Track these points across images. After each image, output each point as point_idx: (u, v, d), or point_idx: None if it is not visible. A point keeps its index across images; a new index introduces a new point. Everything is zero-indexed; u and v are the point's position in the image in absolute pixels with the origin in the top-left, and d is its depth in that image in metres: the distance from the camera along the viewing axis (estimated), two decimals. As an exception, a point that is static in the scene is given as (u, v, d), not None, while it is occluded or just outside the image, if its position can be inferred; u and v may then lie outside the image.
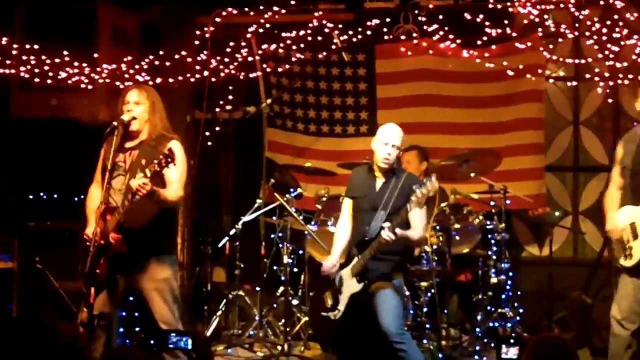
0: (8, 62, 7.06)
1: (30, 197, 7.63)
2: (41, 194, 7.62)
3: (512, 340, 6.43)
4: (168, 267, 5.34)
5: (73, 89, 7.37)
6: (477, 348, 6.92)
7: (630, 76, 7.43)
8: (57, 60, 7.13)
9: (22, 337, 3.40)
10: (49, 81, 7.20)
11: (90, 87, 7.35)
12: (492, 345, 6.77)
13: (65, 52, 7.14)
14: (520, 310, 7.39)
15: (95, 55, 7.38)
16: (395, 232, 5.41)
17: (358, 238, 5.77)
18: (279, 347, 6.91)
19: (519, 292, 7.58)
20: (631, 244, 5.41)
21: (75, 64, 7.18)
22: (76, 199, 5.65)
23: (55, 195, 7.52)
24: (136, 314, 5.62)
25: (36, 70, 7.15)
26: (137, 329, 5.96)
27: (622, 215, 5.54)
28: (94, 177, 5.51)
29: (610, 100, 8.11)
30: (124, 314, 5.54)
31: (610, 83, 7.64)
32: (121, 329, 5.53)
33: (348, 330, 5.84)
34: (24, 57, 7.05)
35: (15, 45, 7.07)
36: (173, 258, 5.47)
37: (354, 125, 8.46)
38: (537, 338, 4.13)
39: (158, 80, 7.19)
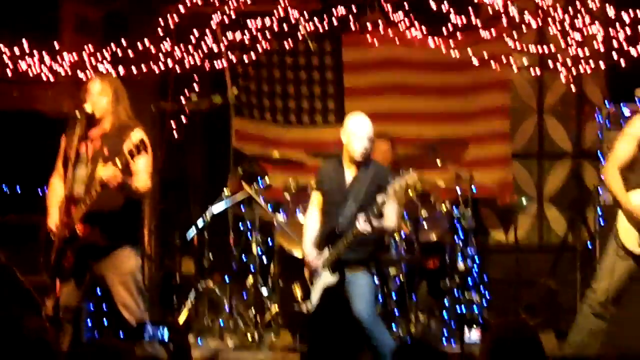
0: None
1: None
2: (3, 187, 7.49)
3: (474, 325, 6.51)
4: (133, 258, 5.30)
5: (36, 80, 7.25)
6: (445, 333, 6.93)
7: (592, 64, 7.45)
8: (16, 51, 6.99)
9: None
10: (8, 73, 7.06)
11: (52, 78, 7.22)
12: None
13: (25, 42, 7.00)
14: (487, 296, 7.43)
15: (57, 45, 7.26)
16: (372, 224, 5.40)
17: (329, 230, 5.76)
18: (250, 337, 6.88)
19: (485, 278, 7.62)
20: None
21: (36, 54, 7.04)
22: (40, 192, 5.53)
23: (19, 189, 7.40)
24: (104, 307, 5.52)
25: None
26: (105, 321, 5.86)
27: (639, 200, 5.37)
28: (55, 168, 5.42)
29: (573, 88, 8.11)
30: (91, 306, 5.47)
31: (574, 71, 7.63)
32: (89, 322, 5.46)
33: (320, 320, 5.82)
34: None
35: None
36: (137, 249, 5.41)
37: (321, 115, 8.42)
38: (498, 322, 4.12)
39: (122, 70, 7.07)
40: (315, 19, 7.68)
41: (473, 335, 6.69)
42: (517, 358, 3.29)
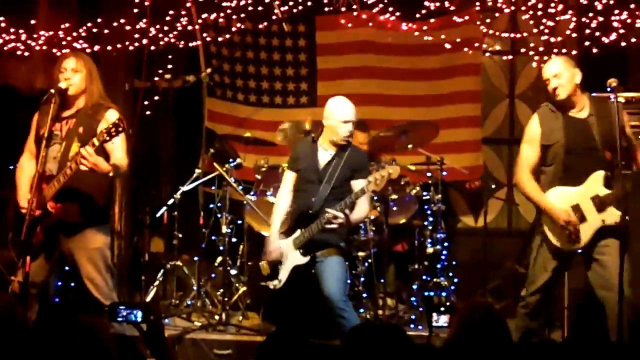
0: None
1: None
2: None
3: (442, 308, 6.51)
4: (102, 236, 5.30)
5: (9, 55, 7.18)
6: (413, 317, 6.95)
7: (564, 50, 7.47)
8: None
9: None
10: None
11: (27, 53, 7.16)
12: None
13: (1, 18, 6.94)
14: (455, 280, 7.45)
15: (33, 21, 7.20)
16: (345, 214, 5.48)
17: (301, 210, 5.77)
18: (217, 317, 6.84)
19: (454, 262, 7.64)
20: (578, 227, 5.27)
21: (12, 30, 6.98)
22: (11, 167, 5.50)
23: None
24: (72, 284, 5.51)
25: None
26: (71, 299, 5.86)
27: (560, 197, 5.37)
28: (25, 147, 5.40)
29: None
30: (59, 283, 5.46)
31: (545, 57, 7.66)
32: (57, 299, 5.46)
33: (288, 300, 5.83)
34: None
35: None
36: (107, 227, 5.41)
37: (294, 96, 8.40)
38: (465, 305, 4.16)
39: (96, 47, 7.02)
40: (290, 1, 7.63)
41: (441, 319, 6.71)
42: (484, 341, 3.35)
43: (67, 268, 5.40)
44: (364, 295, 6.84)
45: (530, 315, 5.47)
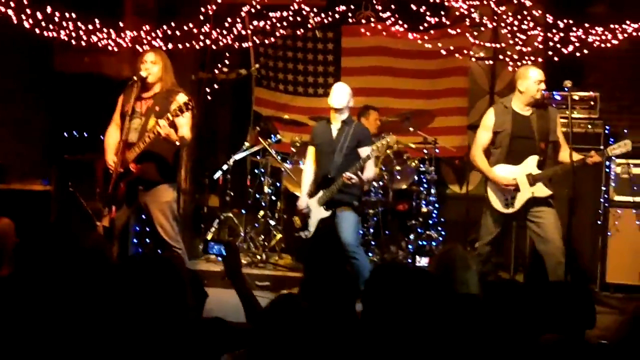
0: (51, 27, 6.76)
1: (65, 135, 7.39)
2: (74, 132, 7.38)
3: (423, 252, 6.58)
4: (171, 192, 5.24)
5: (103, 50, 7.10)
6: (409, 260, 6.86)
7: (532, 58, 7.34)
8: (90, 27, 6.84)
9: (57, 241, 3.25)
10: (83, 43, 6.90)
11: (116, 49, 7.08)
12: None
13: (96, 21, 6.85)
14: (443, 233, 7.35)
15: (121, 24, 7.11)
16: (358, 175, 5.42)
17: (323, 175, 5.68)
18: (259, 257, 6.85)
19: (442, 219, 7.55)
20: (515, 194, 5.35)
21: (104, 30, 6.89)
22: (101, 137, 5.43)
23: (85, 134, 7.29)
24: (147, 229, 5.45)
25: (73, 34, 6.88)
26: (147, 240, 5.79)
27: (503, 171, 5.40)
28: (112, 120, 5.32)
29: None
30: (137, 228, 5.39)
31: (519, 63, 7.49)
32: (135, 240, 5.39)
33: (315, 245, 5.79)
34: (64, 24, 6.76)
35: (57, 14, 6.78)
36: (175, 185, 5.33)
37: (322, 88, 8.21)
38: (441, 250, 4.14)
39: (170, 46, 6.91)
40: (322, 13, 7.51)
41: (423, 261, 6.71)
42: (454, 275, 3.29)
43: (143, 216, 5.30)
44: (372, 243, 6.84)
45: (483, 262, 5.47)
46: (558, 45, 6.94)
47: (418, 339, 2.44)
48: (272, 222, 7.16)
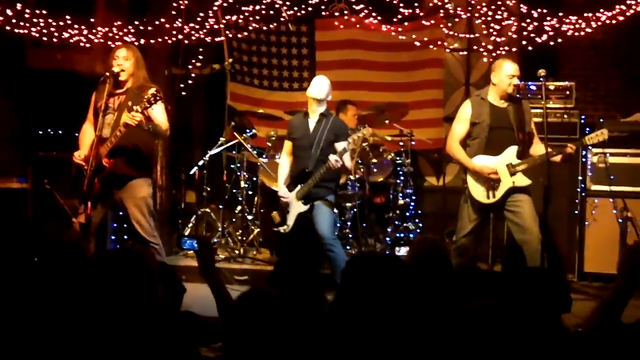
0: (22, 23, 6.71)
1: (40, 132, 7.35)
2: (49, 130, 7.34)
3: (402, 242, 6.61)
4: (146, 187, 5.23)
5: (75, 47, 7.07)
6: (387, 252, 6.89)
7: (507, 48, 7.40)
8: (61, 24, 6.80)
9: (34, 238, 3.28)
10: (55, 40, 6.86)
11: (88, 45, 7.04)
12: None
13: (68, 17, 6.80)
14: (420, 225, 7.41)
15: (92, 19, 7.07)
16: (341, 160, 5.45)
17: (300, 169, 5.70)
18: (237, 252, 6.86)
19: (419, 212, 7.59)
20: (496, 185, 5.37)
21: (76, 26, 6.85)
22: (76, 134, 5.41)
23: (60, 132, 7.25)
24: (124, 225, 5.44)
25: (45, 31, 6.83)
26: (125, 237, 5.78)
27: (483, 162, 5.42)
28: (87, 117, 5.31)
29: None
30: (114, 225, 5.39)
31: (494, 54, 7.56)
32: (113, 237, 5.39)
33: (292, 239, 5.81)
34: (35, 20, 6.71)
35: (28, 11, 6.73)
36: (150, 180, 5.33)
37: (297, 82, 8.22)
38: (418, 239, 4.21)
39: (142, 41, 6.88)
40: (295, 7, 7.50)
41: (402, 251, 6.76)
42: (430, 265, 3.36)
43: (120, 213, 5.29)
44: (350, 236, 6.85)
45: (460, 254, 5.50)
46: (532, 35, 6.98)
47: (393, 327, 2.48)
48: (250, 217, 7.18)
